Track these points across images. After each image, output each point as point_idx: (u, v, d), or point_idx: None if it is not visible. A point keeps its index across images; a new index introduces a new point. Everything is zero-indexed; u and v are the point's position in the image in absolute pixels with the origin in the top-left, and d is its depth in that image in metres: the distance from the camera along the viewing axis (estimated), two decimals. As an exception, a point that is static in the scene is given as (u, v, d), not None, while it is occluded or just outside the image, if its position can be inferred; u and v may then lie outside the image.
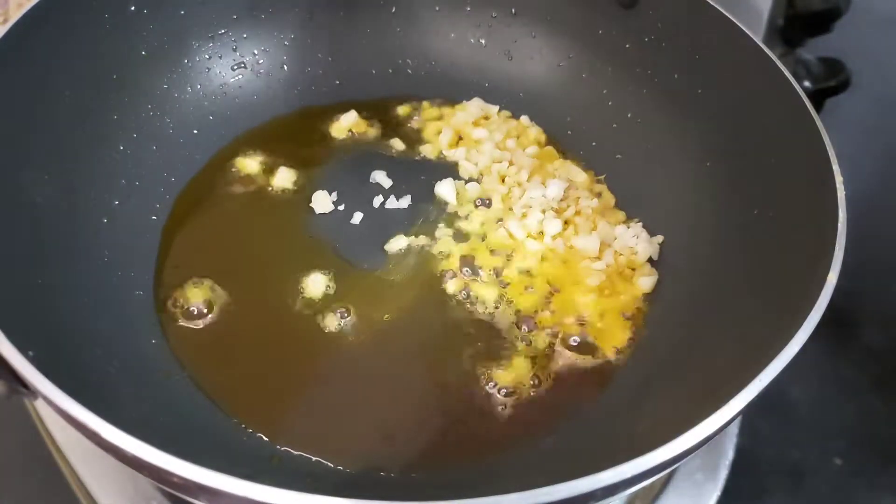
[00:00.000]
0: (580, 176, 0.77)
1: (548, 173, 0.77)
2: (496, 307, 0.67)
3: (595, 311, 0.67)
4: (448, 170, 0.78)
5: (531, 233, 0.72)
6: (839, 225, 0.53)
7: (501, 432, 0.59)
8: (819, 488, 0.70)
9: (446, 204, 0.75)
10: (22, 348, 0.44)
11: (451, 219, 0.74)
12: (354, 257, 0.70)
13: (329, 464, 0.56)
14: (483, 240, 0.72)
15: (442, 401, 0.61)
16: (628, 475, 0.41)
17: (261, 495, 0.38)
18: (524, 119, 0.82)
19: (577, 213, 0.74)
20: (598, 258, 0.70)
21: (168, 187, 0.72)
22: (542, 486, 0.39)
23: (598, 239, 0.71)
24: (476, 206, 0.75)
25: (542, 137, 0.81)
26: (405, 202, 0.75)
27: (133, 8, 0.71)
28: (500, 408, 0.60)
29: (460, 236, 0.72)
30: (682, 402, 0.49)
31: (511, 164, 0.78)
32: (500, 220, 0.73)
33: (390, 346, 0.64)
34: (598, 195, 0.76)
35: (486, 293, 0.67)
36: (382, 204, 0.74)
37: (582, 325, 0.66)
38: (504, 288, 0.68)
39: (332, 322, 0.65)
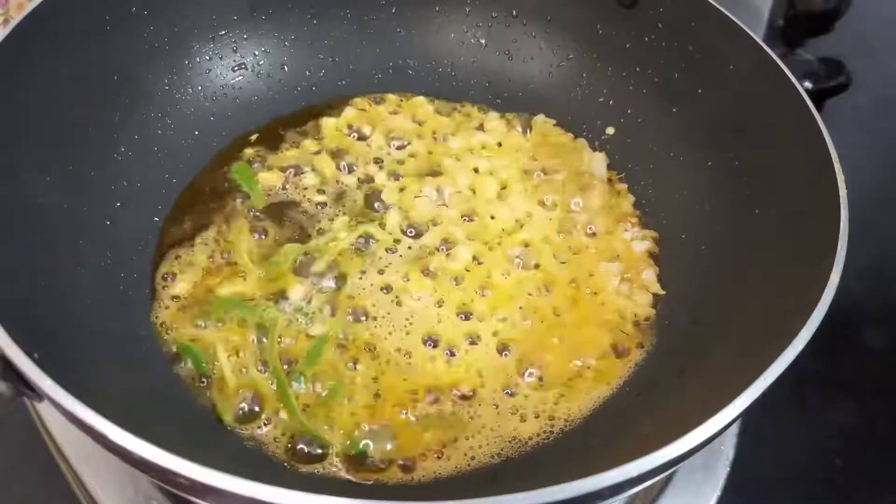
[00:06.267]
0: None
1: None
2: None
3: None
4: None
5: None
6: (841, 224, 0.53)
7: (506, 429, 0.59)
8: (819, 488, 0.70)
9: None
10: (27, 351, 0.44)
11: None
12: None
13: (334, 464, 0.56)
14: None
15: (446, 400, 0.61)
16: (634, 474, 0.41)
17: (268, 496, 0.39)
18: (539, 118, 0.82)
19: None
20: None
21: (169, 188, 0.72)
22: (547, 486, 0.40)
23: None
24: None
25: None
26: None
27: (134, 9, 0.71)
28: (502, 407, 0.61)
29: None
30: (686, 402, 0.49)
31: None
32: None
33: (389, 345, 0.64)
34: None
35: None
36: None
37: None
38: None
39: (331, 321, 0.65)
